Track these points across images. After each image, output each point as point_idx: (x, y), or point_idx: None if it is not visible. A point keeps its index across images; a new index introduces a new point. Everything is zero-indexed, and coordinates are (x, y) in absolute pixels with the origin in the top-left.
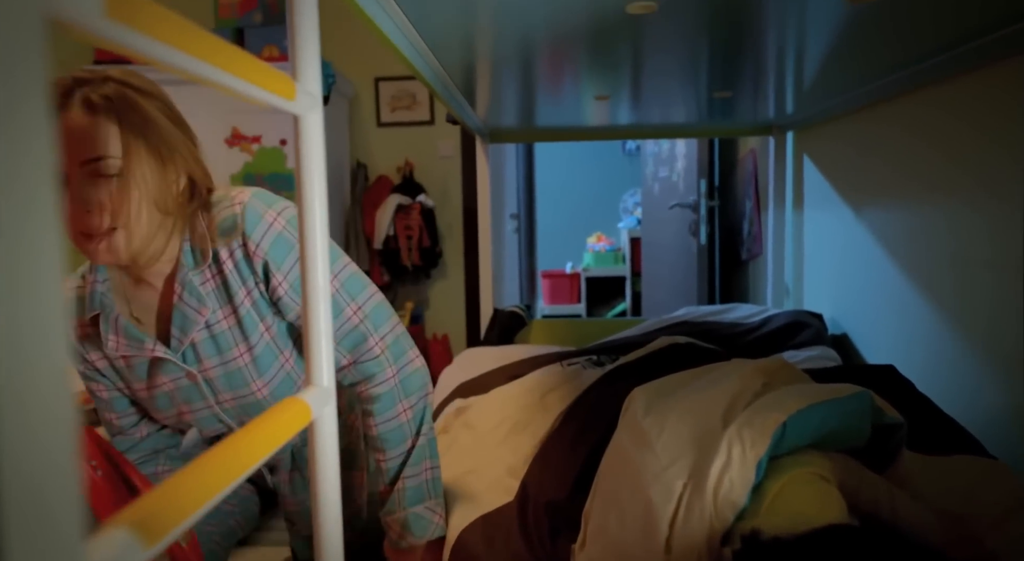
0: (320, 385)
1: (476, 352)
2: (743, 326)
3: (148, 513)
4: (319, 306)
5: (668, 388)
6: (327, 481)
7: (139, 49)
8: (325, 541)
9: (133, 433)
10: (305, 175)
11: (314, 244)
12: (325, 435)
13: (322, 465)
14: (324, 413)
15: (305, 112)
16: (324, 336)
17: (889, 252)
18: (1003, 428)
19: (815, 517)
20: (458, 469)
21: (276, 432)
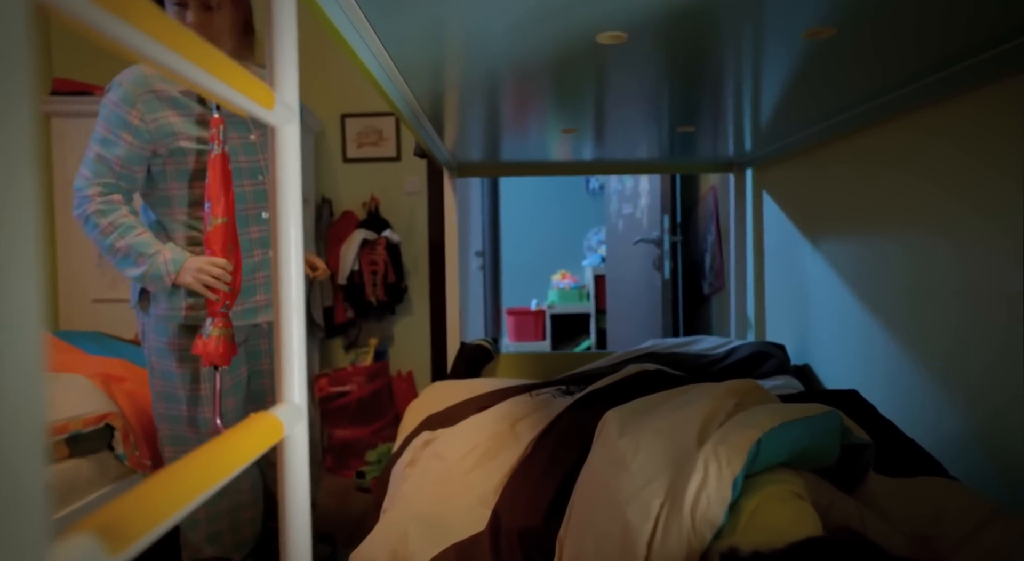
0: (291, 402)
1: (443, 385)
2: (709, 357)
3: (115, 520)
4: (291, 321)
5: (641, 409)
6: (296, 499)
7: (125, 41)
8: (293, 551)
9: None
10: (281, 187)
11: (288, 258)
12: (296, 453)
13: (291, 484)
14: (295, 431)
15: (282, 123)
16: (296, 353)
17: (848, 284)
18: (961, 450)
19: (791, 534)
20: (428, 498)
21: (246, 447)
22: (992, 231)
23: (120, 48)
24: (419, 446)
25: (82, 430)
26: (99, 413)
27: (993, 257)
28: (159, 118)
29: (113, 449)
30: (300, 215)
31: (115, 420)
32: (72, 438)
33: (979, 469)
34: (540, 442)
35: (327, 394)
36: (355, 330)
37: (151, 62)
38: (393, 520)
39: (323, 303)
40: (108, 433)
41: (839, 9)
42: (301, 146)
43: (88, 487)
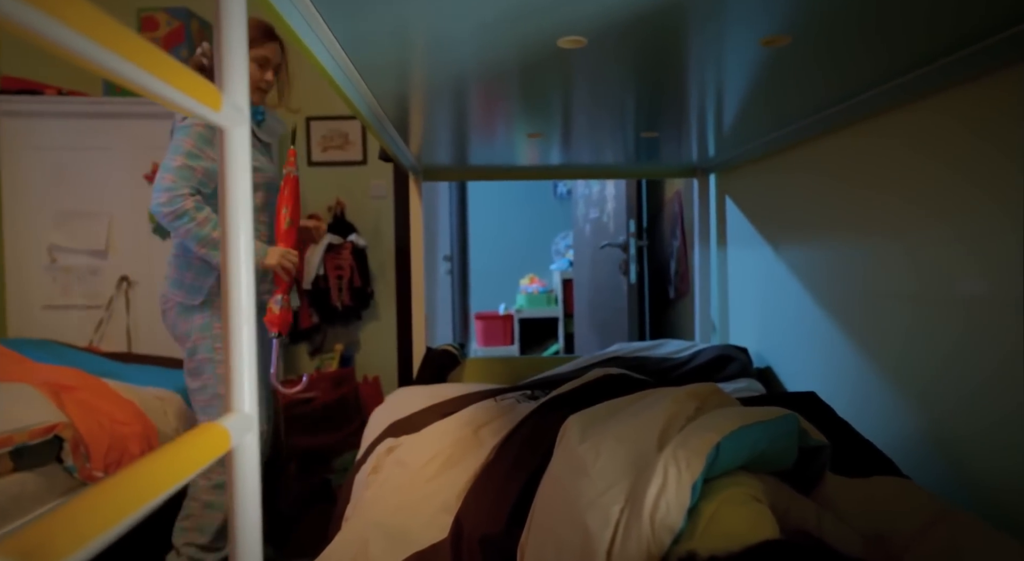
0: (241, 411)
1: (408, 391)
2: (673, 361)
3: (40, 541)
4: (241, 329)
5: (603, 414)
6: (247, 513)
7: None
8: None
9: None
10: (230, 193)
11: (238, 266)
12: (246, 465)
13: (242, 496)
14: (245, 441)
15: (231, 126)
16: (246, 361)
17: (808, 287)
18: (913, 449)
19: (749, 537)
20: (390, 506)
21: (187, 460)
22: (944, 235)
23: (56, 49)
24: (383, 453)
25: (28, 442)
26: (47, 424)
27: (944, 261)
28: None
29: (62, 461)
30: (250, 220)
31: (64, 431)
32: (17, 451)
33: (930, 467)
34: (503, 448)
35: (291, 401)
36: (320, 335)
37: (89, 64)
38: (354, 529)
39: None
40: (57, 445)
41: (793, 18)
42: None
43: (33, 502)
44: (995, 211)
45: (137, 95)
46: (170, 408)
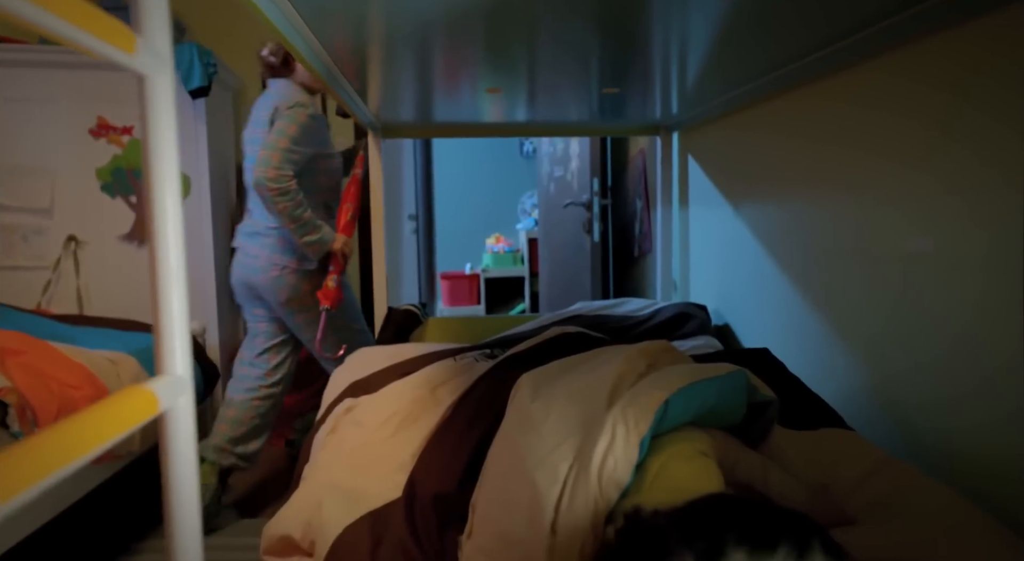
0: (172, 373)
1: (369, 351)
2: (633, 319)
3: None
4: (171, 288)
5: (555, 373)
6: (183, 479)
7: None
8: (181, 549)
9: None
10: (154, 148)
11: (165, 225)
12: (179, 430)
13: (175, 463)
14: (178, 404)
15: (151, 73)
16: (176, 320)
17: (765, 246)
18: (860, 401)
19: (695, 491)
20: (345, 466)
21: (110, 424)
22: (893, 194)
23: None
24: (341, 413)
25: None
26: None
27: (892, 219)
28: (324, 135)
29: (8, 427)
30: (178, 182)
31: (8, 396)
32: None
33: (874, 418)
34: (458, 406)
35: None
36: None
37: None
38: (308, 490)
39: None
40: (2, 410)
41: None
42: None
43: None
44: (941, 171)
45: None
46: (124, 371)
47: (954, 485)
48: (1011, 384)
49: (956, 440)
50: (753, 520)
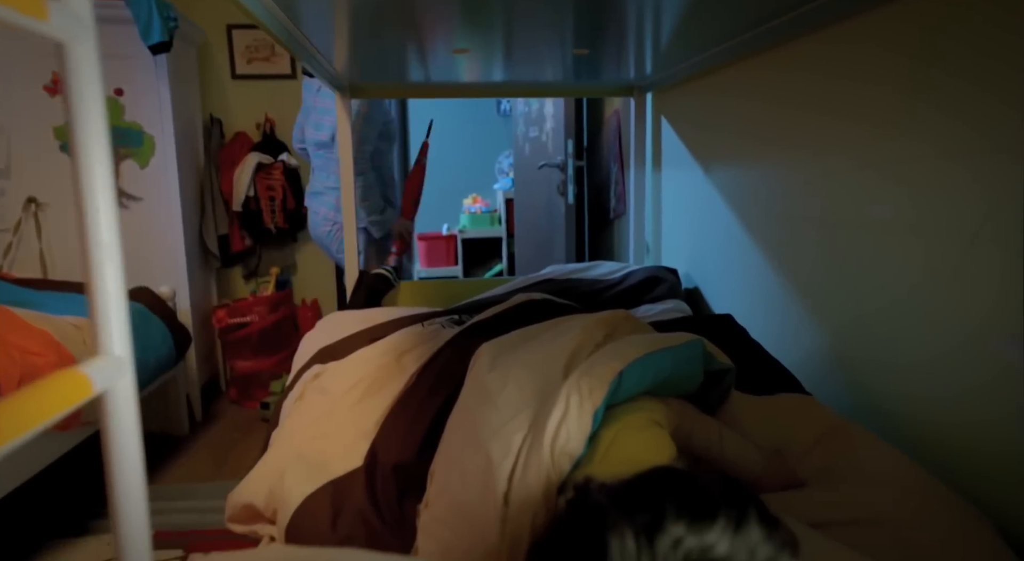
0: (110, 354)
1: (339, 316)
2: (604, 282)
3: None
4: (105, 266)
5: (515, 342)
6: (126, 466)
7: None
8: (126, 534)
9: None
10: (78, 122)
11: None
12: (119, 412)
13: (118, 447)
14: (118, 386)
15: (69, 39)
16: (113, 298)
17: (733, 210)
18: (818, 364)
19: (647, 462)
20: (310, 435)
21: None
22: (856, 161)
23: None
24: (309, 379)
25: None
26: None
27: (855, 186)
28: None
29: None
30: (106, 150)
31: None
32: None
33: (832, 380)
34: (420, 375)
35: (226, 326)
36: (254, 259)
37: None
38: (272, 458)
39: (217, 231)
40: None
41: None
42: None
43: None
44: (905, 138)
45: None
46: (90, 336)
47: (904, 445)
48: (962, 350)
49: (908, 404)
50: (693, 493)
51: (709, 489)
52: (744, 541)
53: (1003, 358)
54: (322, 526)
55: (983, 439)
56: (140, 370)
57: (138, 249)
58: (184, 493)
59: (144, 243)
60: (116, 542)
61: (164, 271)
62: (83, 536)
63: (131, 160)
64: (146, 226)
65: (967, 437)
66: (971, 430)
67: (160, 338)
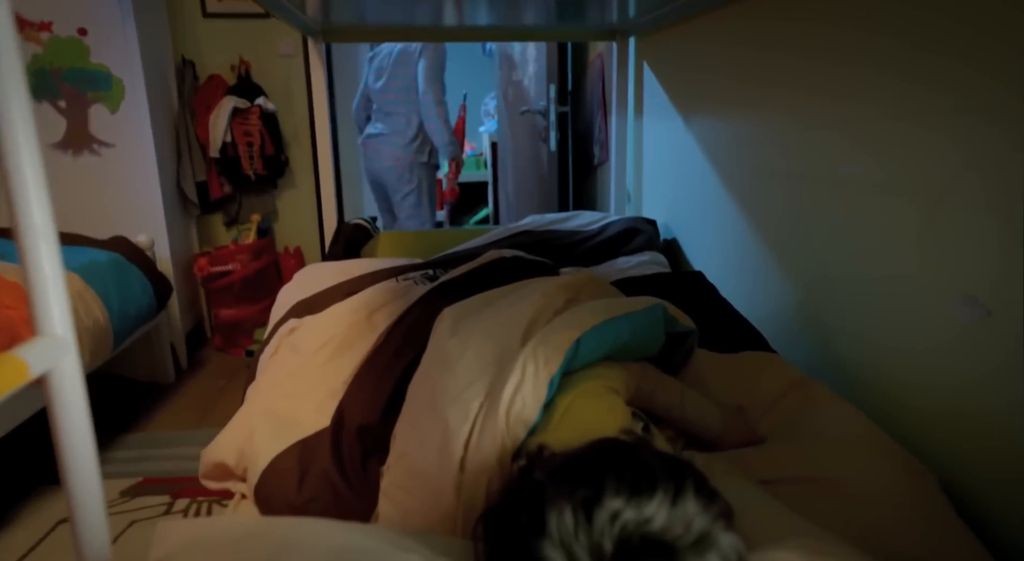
0: (51, 334)
1: (316, 268)
2: (581, 234)
3: None
4: (39, 245)
5: (477, 306)
6: (75, 444)
7: None
8: (84, 527)
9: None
10: None
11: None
12: (64, 393)
13: (65, 428)
14: (61, 367)
15: None
16: (50, 278)
17: (711, 162)
18: (787, 320)
19: (600, 429)
20: (280, 393)
21: None
22: (832, 118)
23: None
24: (284, 334)
25: None
26: None
27: (831, 143)
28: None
29: None
30: (27, 110)
31: None
32: None
33: (799, 338)
34: (389, 335)
35: (208, 274)
36: (235, 206)
37: None
38: (243, 417)
39: (195, 177)
40: None
41: None
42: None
43: None
44: (876, 97)
45: None
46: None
47: (863, 403)
48: (922, 312)
49: (870, 364)
50: (632, 467)
51: (648, 463)
52: (680, 514)
53: (959, 319)
54: (289, 487)
55: (940, 399)
56: (120, 321)
57: (113, 197)
58: (170, 440)
59: (119, 191)
60: (71, 514)
61: (141, 220)
62: None
63: (100, 105)
64: (120, 173)
65: (924, 397)
66: (929, 392)
67: (139, 288)
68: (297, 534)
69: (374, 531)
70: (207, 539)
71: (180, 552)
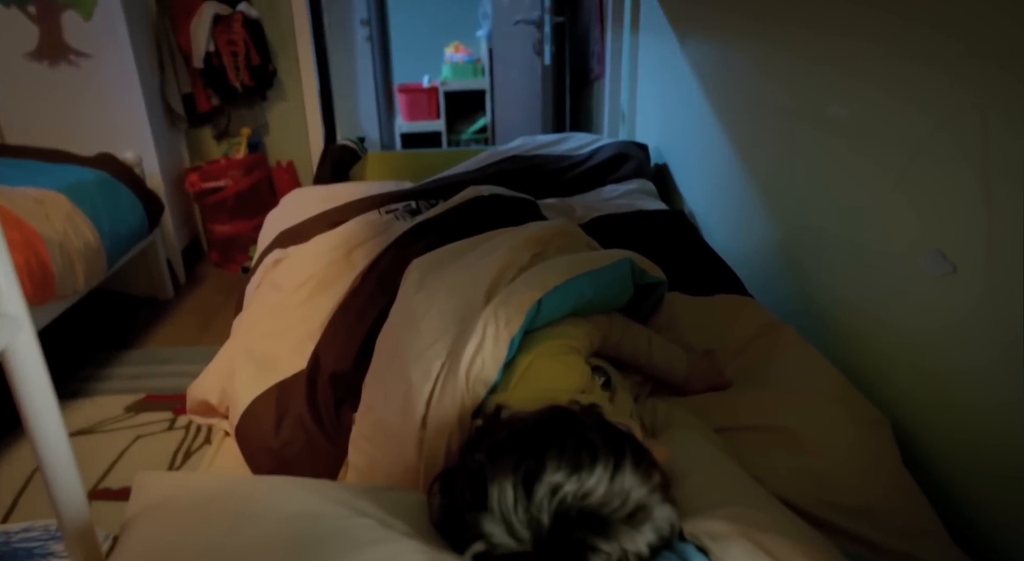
0: (3, 314)
1: (302, 193)
2: (570, 159)
3: None
4: None
5: (444, 259)
6: (40, 413)
7: None
8: (58, 485)
9: None
10: None
11: None
12: (24, 367)
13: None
14: (16, 343)
15: None
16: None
17: (703, 89)
18: (768, 259)
19: (557, 389)
20: (261, 331)
21: None
22: (821, 54)
23: None
24: (269, 265)
25: None
26: None
27: (824, 80)
28: None
29: None
30: None
31: None
32: None
33: (778, 277)
34: (363, 280)
35: (200, 190)
36: (224, 119)
37: None
38: (225, 355)
39: (181, 89)
40: None
41: None
42: None
43: None
44: (876, 35)
45: None
46: (54, 210)
47: (834, 348)
48: (897, 262)
49: (842, 309)
50: (573, 443)
51: (589, 438)
52: (618, 488)
53: (925, 273)
54: (266, 430)
55: (903, 351)
56: (112, 242)
57: (96, 111)
58: (171, 357)
59: (102, 105)
60: (44, 477)
61: (127, 135)
62: (75, 398)
63: (72, 11)
64: (101, 86)
65: (890, 349)
66: (894, 343)
67: (129, 207)
68: (256, 501)
69: (333, 492)
70: (176, 500)
71: (150, 512)
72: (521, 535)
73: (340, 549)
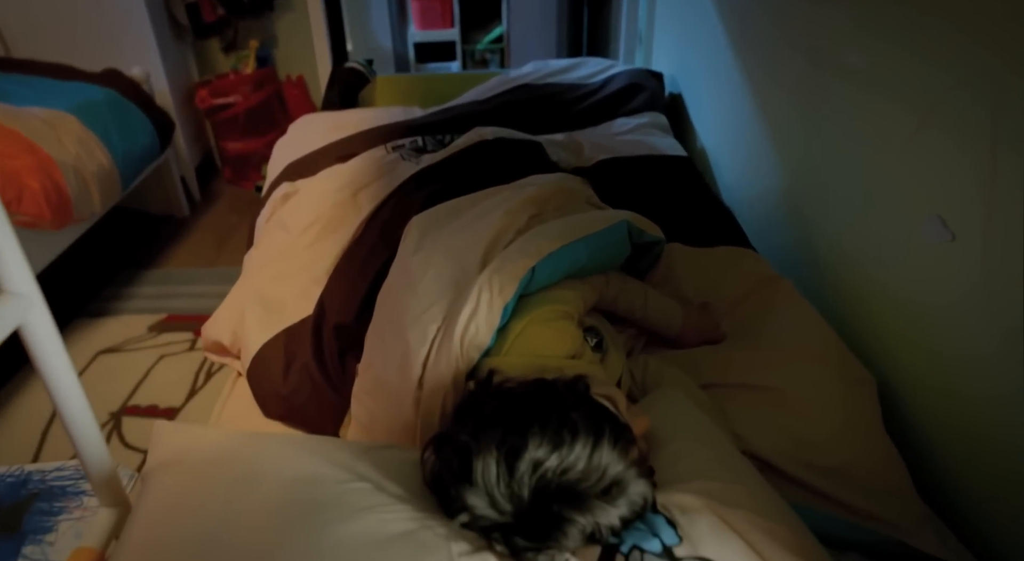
0: (13, 294)
1: (310, 120)
2: (583, 89)
3: None
4: None
5: (443, 219)
6: (63, 384)
7: None
8: (80, 437)
9: None
10: None
11: None
12: (40, 341)
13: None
14: (29, 320)
15: None
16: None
17: (721, 21)
18: (774, 206)
19: (549, 355)
20: (269, 274)
21: None
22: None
23: None
24: (279, 199)
25: None
26: None
27: (844, 25)
28: None
29: None
30: None
31: None
32: None
33: (781, 224)
34: (367, 228)
35: (211, 106)
36: (231, 30)
37: None
38: (236, 297)
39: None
40: None
41: None
42: None
43: None
44: None
45: None
46: (65, 133)
47: (832, 303)
48: (899, 222)
49: (842, 264)
50: (555, 419)
51: (571, 415)
52: (596, 463)
53: (925, 239)
54: (275, 377)
55: (902, 315)
56: (125, 163)
57: (100, 26)
58: (189, 277)
59: (104, 18)
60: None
61: (134, 50)
62: (101, 317)
63: None
64: None
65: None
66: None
67: (139, 126)
68: (261, 462)
69: (335, 454)
70: (189, 453)
71: (166, 467)
72: (503, 507)
73: (334, 516)
